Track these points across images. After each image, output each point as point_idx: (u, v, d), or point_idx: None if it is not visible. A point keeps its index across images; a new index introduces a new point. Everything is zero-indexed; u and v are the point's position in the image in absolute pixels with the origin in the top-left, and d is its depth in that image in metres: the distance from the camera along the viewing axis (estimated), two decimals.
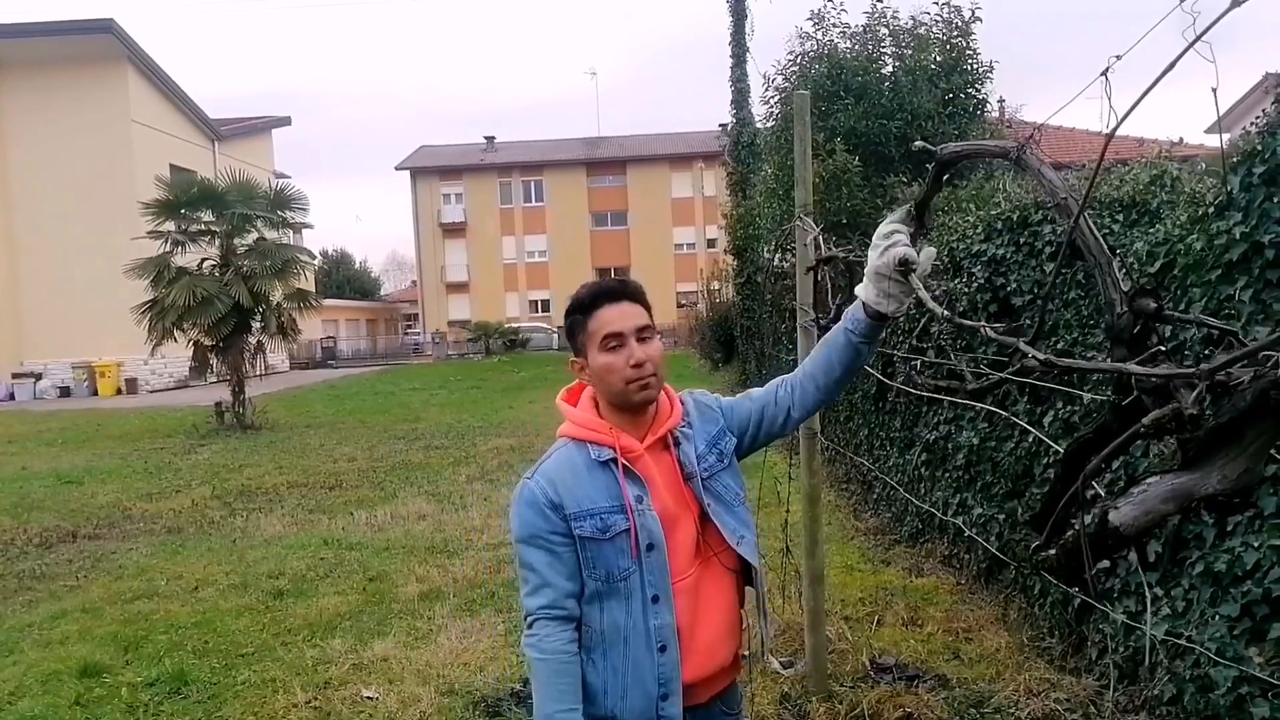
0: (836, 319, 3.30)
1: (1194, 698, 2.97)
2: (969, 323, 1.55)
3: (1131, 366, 1.08)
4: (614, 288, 1.87)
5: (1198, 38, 1.08)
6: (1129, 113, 1.26)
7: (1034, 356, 1.25)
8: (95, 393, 25.37)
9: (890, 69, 11.11)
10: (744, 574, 1.96)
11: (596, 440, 1.84)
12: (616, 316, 1.82)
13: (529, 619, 1.83)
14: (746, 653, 2.06)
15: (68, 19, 25.51)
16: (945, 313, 1.49)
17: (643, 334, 1.82)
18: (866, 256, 1.93)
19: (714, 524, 1.87)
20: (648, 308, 1.88)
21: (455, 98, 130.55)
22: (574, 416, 1.90)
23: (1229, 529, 2.84)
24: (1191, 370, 0.97)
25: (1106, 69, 1.42)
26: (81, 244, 24.81)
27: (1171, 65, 1.18)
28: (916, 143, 2.08)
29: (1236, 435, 0.96)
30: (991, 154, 1.73)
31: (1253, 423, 0.94)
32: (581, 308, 1.86)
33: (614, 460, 1.81)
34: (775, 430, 2.00)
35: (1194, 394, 0.95)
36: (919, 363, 5.56)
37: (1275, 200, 2.71)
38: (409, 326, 57.61)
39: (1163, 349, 1.16)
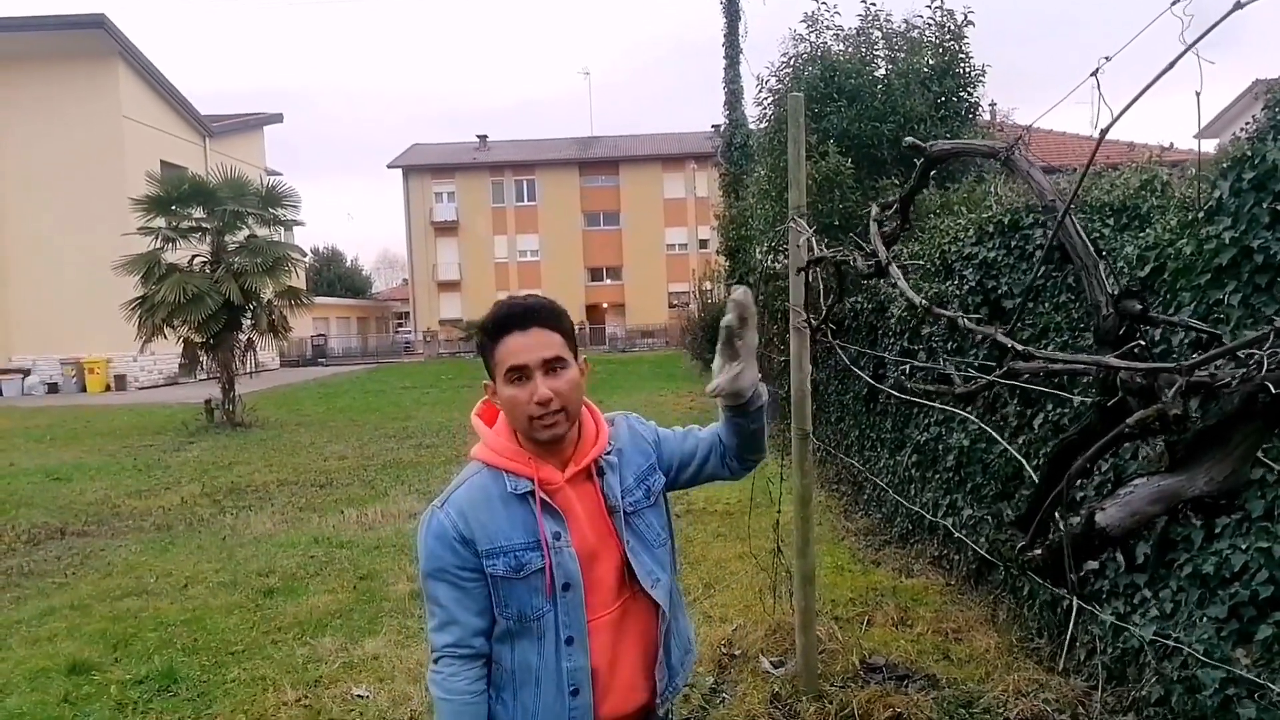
0: (828, 321, 3.33)
1: (1182, 699, 2.99)
2: (946, 312, 1.57)
3: (1111, 359, 1.10)
4: (521, 313, 1.70)
5: (1192, 45, 1.10)
6: (1119, 116, 1.28)
7: (1013, 347, 1.27)
8: (84, 389, 25.24)
9: (883, 72, 11.12)
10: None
11: (514, 470, 1.71)
12: (521, 348, 1.67)
13: (435, 655, 1.73)
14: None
15: (59, 13, 25.33)
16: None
17: (551, 365, 1.67)
18: (852, 259, 1.94)
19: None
20: (565, 331, 1.73)
21: (448, 96, 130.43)
22: (491, 442, 1.77)
23: (1217, 531, 2.86)
24: (1172, 366, 0.99)
25: (1096, 70, 1.43)
26: (71, 239, 24.72)
27: (1168, 68, 1.20)
28: (907, 139, 2.10)
29: (1223, 438, 0.97)
30: (981, 153, 1.75)
31: (1239, 426, 0.95)
32: (488, 332, 1.72)
33: (531, 493, 1.69)
34: (720, 475, 1.92)
35: (1174, 390, 0.96)
36: (908, 366, 5.58)
37: (1264, 206, 2.74)
38: (400, 325, 57.47)
39: (1142, 342, 1.17)
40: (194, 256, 15.59)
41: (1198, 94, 1.20)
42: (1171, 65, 1.11)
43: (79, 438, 14.67)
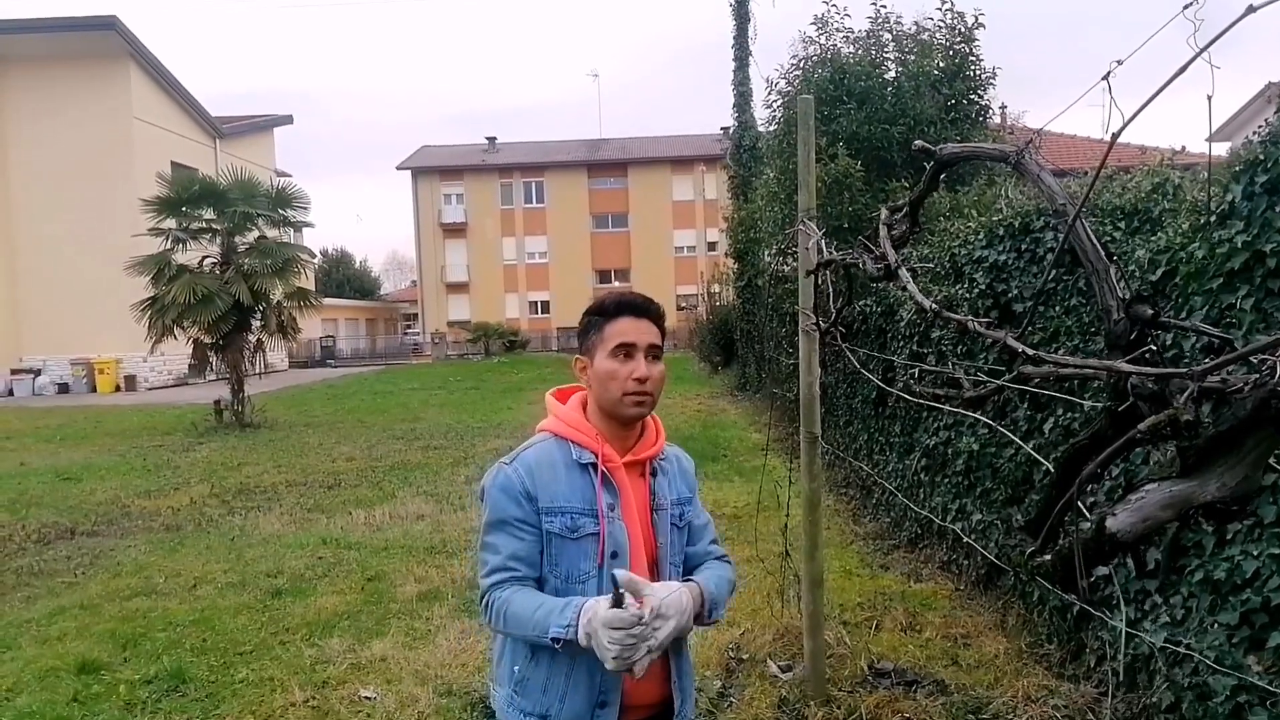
0: (837, 324, 3.32)
1: (1192, 706, 2.97)
2: (956, 317, 1.56)
3: (1121, 364, 1.09)
4: (640, 304, 1.90)
5: (1205, 47, 1.09)
6: (1132, 118, 1.27)
7: (1023, 351, 1.26)
8: (94, 389, 25.36)
9: (893, 74, 11.11)
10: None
11: (580, 442, 1.85)
12: (633, 328, 1.85)
13: (484, 597, 1.82)
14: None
15: (71, 15, 25.47)
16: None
17: (653, 352, 1.86)
18: (861, 262, 1.94)
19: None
20: (664, 334, 1.92)
21: (457, 98, 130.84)
22: (561, 414, 1.91)
23: (1228, 537, 2.84)
24: (1184, 371, 0.98)
25: (1108, 74, 1.42)
26: (82, 240, 24.83)
27: (1178, 74, 1.19)
28: (916, 142, 2.09)
29: (1236, 443, 0.96)
30: (991, 157, 1.73)
31: (1252, 431, 0.94)
32: (604, 311, 1.89)
33: (594, 465, 1.83)
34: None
35: (1185, 395, 0.95)
36: (918, 370, 5.56)
37: (1277, 209, 2.72)
38: (408, 326, 57.60)
39: (1153, 347, 1.16)
40: (204, 258, 15.66)
41: (1209, 98, 1.19)
42: (1182, 70, 1.10)
43: (89, 438, 14.74)
